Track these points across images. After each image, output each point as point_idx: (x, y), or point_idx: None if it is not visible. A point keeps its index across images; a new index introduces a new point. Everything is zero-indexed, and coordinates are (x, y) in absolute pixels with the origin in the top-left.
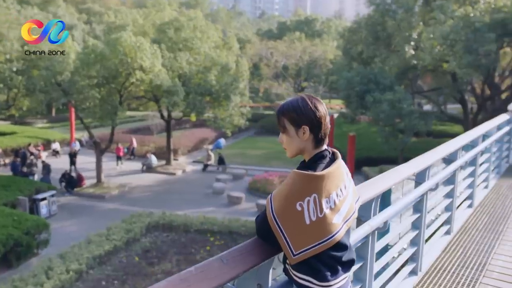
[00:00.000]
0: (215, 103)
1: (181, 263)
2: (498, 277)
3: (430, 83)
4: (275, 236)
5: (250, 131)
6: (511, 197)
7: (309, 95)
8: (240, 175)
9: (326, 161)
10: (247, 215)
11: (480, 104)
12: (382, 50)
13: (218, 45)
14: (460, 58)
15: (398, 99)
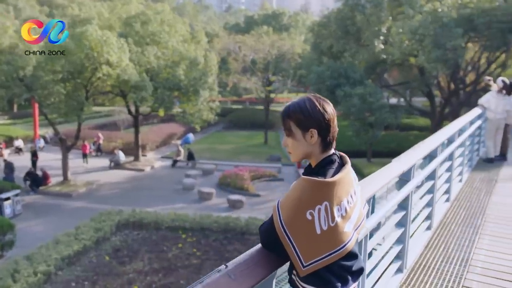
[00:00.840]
0: (184, 98)
1: (153, 261)
2: (482, 272)
3: (397, 77)
4: (281, 246)
5: (218, 126)
6: (485, 190)
7: (316, 96)
8: (210, 170)
9: (335, 166)
10: (218, 211)
11: (446, 98)
12: (352, 45)
13: (186, 39)
14: (428, 53)
15: (368, 93)
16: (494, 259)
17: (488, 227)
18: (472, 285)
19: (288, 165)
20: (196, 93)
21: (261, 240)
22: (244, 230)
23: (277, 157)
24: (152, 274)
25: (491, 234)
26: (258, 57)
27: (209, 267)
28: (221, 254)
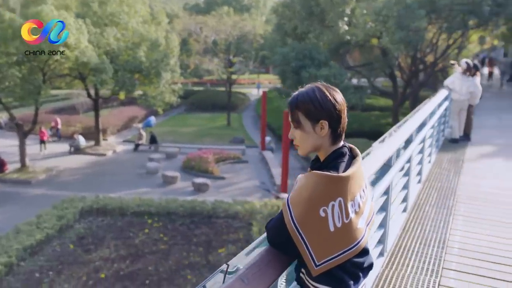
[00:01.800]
0: (145, 81)
1: (119, 248)
2: (459, 253)
3: (358, 58)
4: (291, 244)
5: (180, 108)
6: (454, 171)
7: (325, 85)
8: (173, 153)
9: (346, 159)
10: (184, 195)
11: (407, 79)
12: (316, 26)
13: (146, 20)
14: (392, 34)
15: (333, 74)
16: (469, 240)
17: (460, 208)
18: (451, 267)
19: (252, 146)
20: (158, 75)
21: (269, 239)
22: (211, 213)
23: (240, 139)
24: (119, 261)
25: (464, 215)
26: (220, 38)
27: (177, 252)
28: (188, 238)
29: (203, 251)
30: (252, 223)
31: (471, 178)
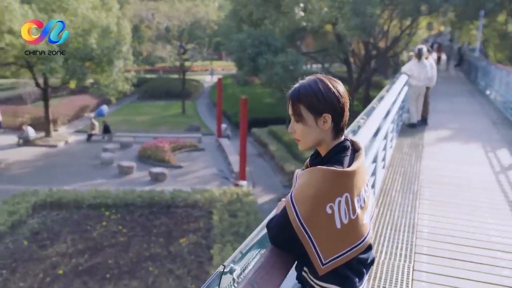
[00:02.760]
0: (97, 69)
1: (77, 242)
2: (429, 237)
3: (311, 44)
4: (296, 243)
5: (133, 97)
6: (415, 155)
7: (327, 76)
8: (128, 143)
9: (349, 153)
10: (141, 185)
11: (361, 65)
12: (272, 12)
13: (96, 5)
14: (348, 20)
15: (290, 61)
16: (437, 223)
17: (425, 192)
18: (423, 251)
19: (208, 134)
20: (110, 63)
21: (271, 238)
22: (170, 203)
23: (196, 126)
24: (77, 256)
25: (429, 199)
26: (172, 25)
27: (137, 244)
28: (148, 229)
29: (163, 242)
30: (212, 211)
31: (432, 162)
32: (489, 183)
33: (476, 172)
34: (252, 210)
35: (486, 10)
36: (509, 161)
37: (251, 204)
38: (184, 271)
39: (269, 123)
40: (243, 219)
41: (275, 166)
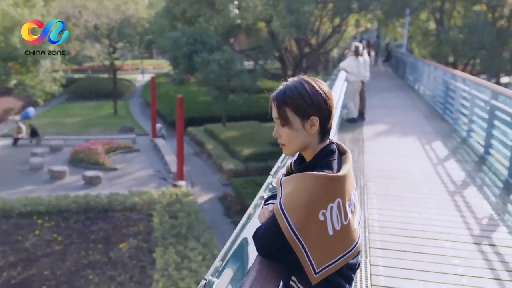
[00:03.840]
0: (22, 69)
1: (7, 254)
2: (380, 231)
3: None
4: (286, 253)
5: (61, 98)
6: (357, 150)
7: (311, 77)
8: (59, 146)
9: (336, 157)
10: (74, 190)
11: (295, 62)
12: (206, 9)
13: (18, 2)
14: (283, 18)
15: (226, 59)
16: (386, 217)
17: (371, 186)
18: (376, 245)
19: (142, 134)
20: (36, 63)
21: (260, 249)
22: (107, 207)
23: (129, 127)
24: (8, 269)
25: (376, 193)
26: (101, 23)
27: (74, 252)
28: (85, 236)
29: (102, 248)
30: (152, 213)
31: (375, 157)
32: (429, 175)
33: (416, 165)
34: (192, 211)
35: (411, 8)
36: (444, 153)
37: (191, 204)
38: (126, 277)
39: (205, 121)
40: (184, 220)
41: (213, 165)
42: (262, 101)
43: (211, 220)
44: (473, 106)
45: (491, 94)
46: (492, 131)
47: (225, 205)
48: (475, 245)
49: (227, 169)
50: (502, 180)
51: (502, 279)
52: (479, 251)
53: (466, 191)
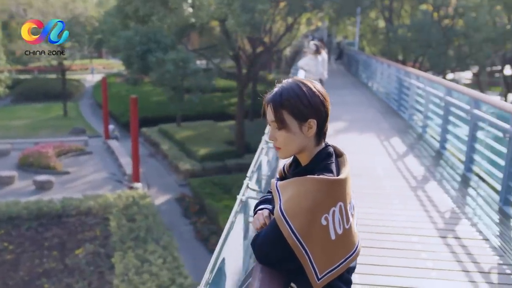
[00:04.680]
0: None
1: None
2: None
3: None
4: (288, 260)
5: (5, 100)
6: None
7: (306, 79)
8: (5, 151)
9: (334, 159)
10: (25, 195)
11: (250, 61)
12: (159, 8)
13: None
14: (238, 17)
15: (182, 58)
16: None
17: None
18: None
19: (94, 136)
20: None
21: (261, 257)
22: (61, 212)
23: (81, 129)
24: None
25: None
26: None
27: (27, 260)
28: (39, 243)
29: (58, 255)
30: (109, 217)
31: None
32: (391, 170)
33: (377, 161)
34: (150, 213)
35: (362, 7)
36: (402, 149)
37: (149, 206)
38: (84, 284)
39: (159, 121)
40: (142, 222)
41: (169, 166)
42: (216, 100)
43: (170, 222)
44: (428, 102)
45: (445, 91)
46: (447, 127)
47: (183, 206)
48: (441, 239)
49: (183, 169)
50: (459, 174)
51: (469, 271)
52: (446, 244)
53: (427, 186)
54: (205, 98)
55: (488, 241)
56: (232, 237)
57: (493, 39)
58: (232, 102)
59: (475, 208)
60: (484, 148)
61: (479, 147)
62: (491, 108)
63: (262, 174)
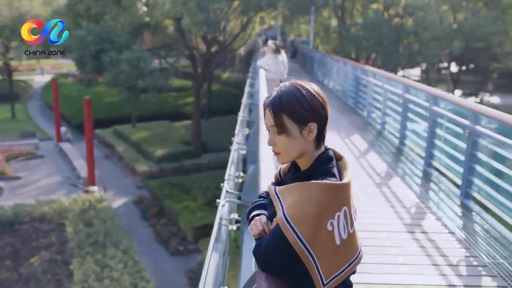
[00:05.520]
0: None
1: None
2: None
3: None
4: (293, 267)
5: None
6: None
7: (304, 81)
8: None
9: (334, 163)
10: None
11: (205, 60)
12: (112, 7)
13: None
14: (193, 16)
15: (137, 58)
16: None
17: None
18: None
19: (45, 139)
20: None
21: (266, 266)
22: (12, 219)
23: (30, 132)
24: None
25: None
26: None
27: None
28: None
29: (11, 264)
30: (65, 223)
31: None
32: (354, 167)
33: None
34: (108, 217)
35: (316, 6)
36: (363, 145)
37: (106, 210)
38: None
39: (113, 123)
40: (100, 227)
41: (125, 168)
42: (171, 100)
43: (128, 225)
44: (386, 100)
45: (403, 88)
46: (406, 123)
47: (142, 208)
48: (409, 234)
49: (140, 171)
50: (420, 169)
51: (439, 264)
52: (414, 239)
53: (391, 182)
54: (160, 98)
55: (454, 235)
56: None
57: (440, 37)
58: (187, 102)
59: (438, 202)
60: (443, 143)
61: (439, 142)
62: (449, 105)
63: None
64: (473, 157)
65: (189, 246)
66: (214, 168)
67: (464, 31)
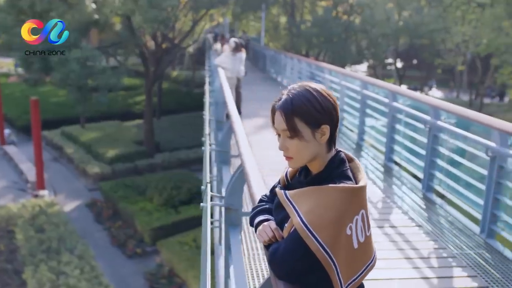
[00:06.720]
0: None
1: None
2: None
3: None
4: (312, 273)
5: None
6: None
7: (313, 83)
8: None
9: (347, 165)
10: None
11: (156, 58)
12: (58, 3)
13: None
14: (145, 13)
15: (87, 56)
16: None
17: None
18: None
19: None
20: None
21: (286, 273)
22: None
23: None
24: None
25: None
26: None
27: None
28: None
29: None
30: (14, 230)
31: (263, 151)
32: None
33: None
34: (61, 221)
35: (267, 3)
36: None
37: (58, 214)
38: None
39: (61, 123)
40: (52, 232)
41: (75, 170)
42: (120, 99)
43: (82, 229)
44: (343, 96)
45: (361, 85)
46: (364, 119)
47: (95, 211)
48: (379, 229)
49: (92, 173)
50: (381, 164)
51: (411, 257)
52: (384, 233)
53: None
54: (110, 97)
55: (421, 227)
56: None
57: (388, 34)
58: (137, 101)
59: (403, 196)
60: (403, 138)
61: (399, 138)
62: (408, 101)
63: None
64: (434, 151)
65: (146, 248)
66: (169, 168)
67: (409, 28)
